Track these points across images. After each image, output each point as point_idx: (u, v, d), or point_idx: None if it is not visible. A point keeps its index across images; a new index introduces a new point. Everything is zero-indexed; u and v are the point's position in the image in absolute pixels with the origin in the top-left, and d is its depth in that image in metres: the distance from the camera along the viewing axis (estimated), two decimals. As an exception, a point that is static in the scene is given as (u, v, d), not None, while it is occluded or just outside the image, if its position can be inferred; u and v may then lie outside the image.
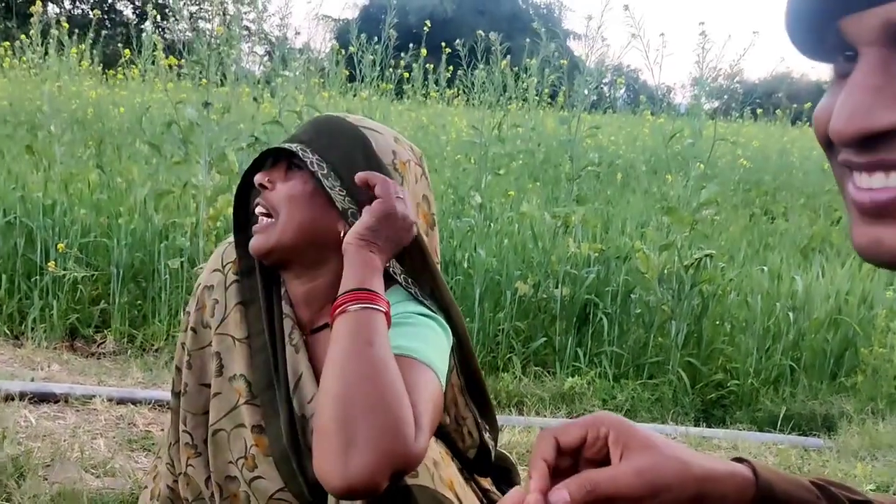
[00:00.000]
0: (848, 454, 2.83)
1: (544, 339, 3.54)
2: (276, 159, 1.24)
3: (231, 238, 1.31)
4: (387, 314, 1.07)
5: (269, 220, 1.20)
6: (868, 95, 0.52)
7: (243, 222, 1.28)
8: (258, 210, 1.22)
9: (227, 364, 1.26)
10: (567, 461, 0.72)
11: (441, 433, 1.31)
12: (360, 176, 1.14)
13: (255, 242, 1.21)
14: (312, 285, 1.24)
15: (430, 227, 1.28)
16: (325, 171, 1.17)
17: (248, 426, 1.23)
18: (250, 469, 1.22)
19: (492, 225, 4.30)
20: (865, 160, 0.54)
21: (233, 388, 1.25)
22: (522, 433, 2.72)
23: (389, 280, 1.17)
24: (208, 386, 1.28)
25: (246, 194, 1.28)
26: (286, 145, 1.20)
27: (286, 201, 1.19)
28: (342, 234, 1.15)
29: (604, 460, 0.71)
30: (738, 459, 0.74)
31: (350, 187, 1.16)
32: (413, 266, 1.21)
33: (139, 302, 3.55)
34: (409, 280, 1.21)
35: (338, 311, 1.05)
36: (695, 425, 3.12)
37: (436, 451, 1.23)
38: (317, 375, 1.21)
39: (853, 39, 0.54)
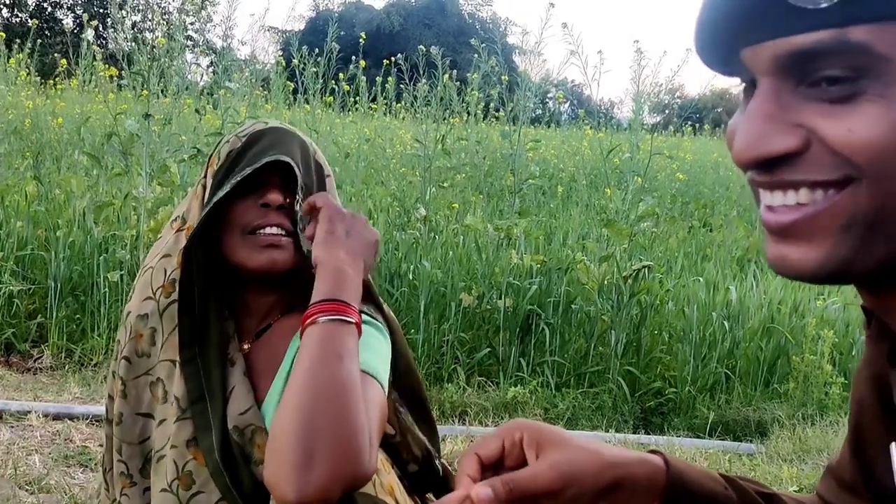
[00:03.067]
0: (778, 458, 2.92)
1: (488, 349, 3.58)
2: (268, 171, 1.20)
3: (151, 263, 1.27)
4: (358, 325, 1.06)
5: (287, 238, 1.20)
6: (763, 123, 0.57)
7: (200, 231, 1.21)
8: (274, 230, 1.19)
9: (169, 389, 1.23)
10: (491, 474, 0.75)
11: (386, 444, 1.33)
12: (308, 202, 1.17)
13: (280, 256, 1.19)
14: (273, 297, 1.26)
15: None
16: (301, 196, 1.19)
17: (183, 441, 1.20)
18: (186, 488, 1.19)
19: (436, 237, 4.34)
20: (766, 180, 0.59)
21: (172, 409, 1.24)
22: (465, 442, 2.76)
23: None
24: (145, 415, 1.25)
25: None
26: (287, 159, 1.19)
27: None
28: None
29: (524, 465, 0.74)
30: (653, 451, 0.78)
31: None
32: None
33: (78, 316, 3.49)
34: None
35: (308, 321, 1.04)
36: (633, 432, 3.18)
37: (377, 459, 1.25)
38: (254, 386, 1.21)
39: (751, 69, 0.59)
